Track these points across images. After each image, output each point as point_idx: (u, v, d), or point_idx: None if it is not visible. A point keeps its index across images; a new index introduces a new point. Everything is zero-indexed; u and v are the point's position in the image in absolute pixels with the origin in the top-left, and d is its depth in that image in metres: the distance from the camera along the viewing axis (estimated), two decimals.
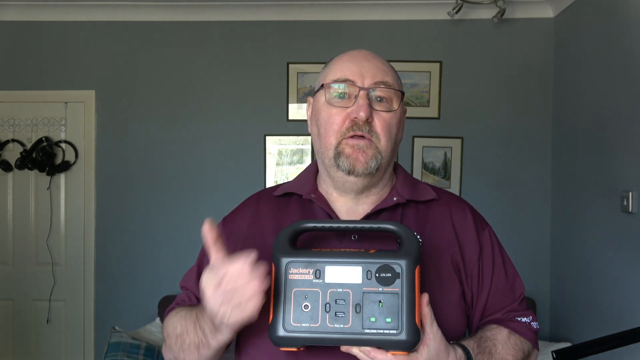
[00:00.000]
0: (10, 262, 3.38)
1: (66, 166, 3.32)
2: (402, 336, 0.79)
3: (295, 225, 0.90)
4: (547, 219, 3.21)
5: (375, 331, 0.79)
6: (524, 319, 1.05)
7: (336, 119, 0.99)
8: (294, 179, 1.12)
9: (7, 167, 3.32)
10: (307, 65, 3.26)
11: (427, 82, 3.24)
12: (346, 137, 0.98)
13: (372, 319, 0.79)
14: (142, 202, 3.32)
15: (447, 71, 3.24)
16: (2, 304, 3.37)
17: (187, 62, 3.31)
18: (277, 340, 0.82)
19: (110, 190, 3.34)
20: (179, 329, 1.02)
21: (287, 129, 3.29)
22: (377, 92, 0.99)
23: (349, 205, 1.05)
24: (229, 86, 3.31)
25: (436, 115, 3.24)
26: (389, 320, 0.79)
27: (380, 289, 0.80)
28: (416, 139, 3.23)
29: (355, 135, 0.97)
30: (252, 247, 1.04)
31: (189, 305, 1.11)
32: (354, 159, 0.97)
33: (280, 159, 3.30)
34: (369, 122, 0.97)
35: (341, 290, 0.81)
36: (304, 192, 1.06)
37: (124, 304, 3.33)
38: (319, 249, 0.91)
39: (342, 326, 0.80)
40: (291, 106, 3.28)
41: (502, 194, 3.23)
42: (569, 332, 2.95)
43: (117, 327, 2.86)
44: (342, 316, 0.80)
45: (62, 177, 3.37)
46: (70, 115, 3.35)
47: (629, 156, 2.36)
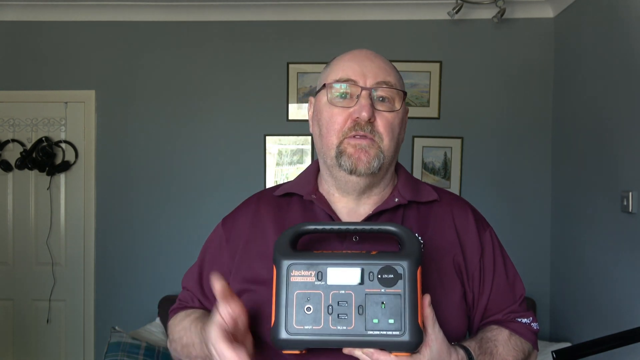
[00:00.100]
0: (10, 262, 3.38)
1: (66, 166, 3.32)
2: (405, 337, 0.79)
3: (296, 227, 0.90)
4: (547, 219, 3.21)
5: (378, 332, 0.79)
6: (524, 320, 1.05)
7: (338, 119, 0.98)
8: (295, 179, 1.12)
9: (7, 167, 3.32)
10: (307, 65, 3.26)
11: (427, 82, 3.24)
12: (348, 136, 0.97)
13: (375, 321, 0.79)
14: (142, 202, 3.32)
15: (447, 71, 3.24)
16: (2, 304, 3.37)
17: (187, 62, 3.31)
18: (280, 343, 0.81)
19: (110, 190, 3.34)
20: (184, 339, 1.04)
21: (287, 129, 3.29)
22: (379, 92, 0.99)
23: (350, 206, 1.04)
24: (229, 86, 3.31)
25: (436, 115, 3.24)
26: (391, 321, 0.79)
27: (382, 290, 0.80)
28: (416, 139, 3.23)
29: (357, 135, 0.97)
30: (253, 249, 1.04)
31: (191, 308, 1.12)
32: (356, 159, 0.96)
33: (280, 159, 3.30)
34: (371, 122, 0.97)
35: (343, 292, 0.81)
36: (305, 192, 1.05)
37: (124, 304, 3.33)
38: (321, 250, 0.91)
39: (344, 328, 0.79)
40: (291, 106, 3.28)
41: (502, 194, 3.23)
42: (569, 332, 2.95)
43: (117, 327, 2.86)
44: (344, 318, 0.80)
45: (62, 177, 3.37)
46: (70, 115, 3.35)
47: (629, 156, 2.36)
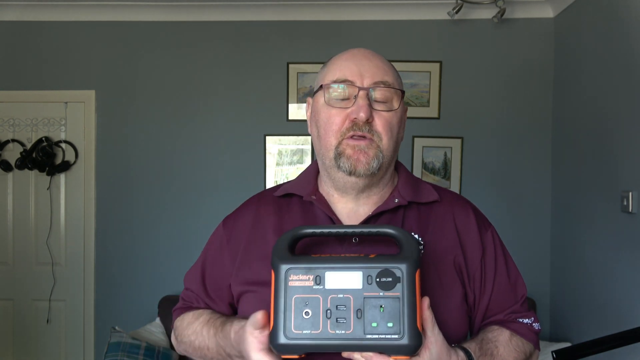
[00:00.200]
0: (10, 262, 3.38)
1: (66, 166, 3.32)
2: (404, 341, 0.78)
3: (293, 231, 0.90)
4: (547, 219, 3.21)
5: (377, 336, 0.78)
6: (526, 320, 1.04)
7: (336, 119, 0.98)
8: (295, 179, 1.11)
9: (7, 167, 3.32)
10: (307, 65, 3.26)
11: (427, 82, 3.24)
12: (346, 137, 0.96)
13: (374, 324, 0.79)
14: (142, 202, 3.32)
15: (447, 71, 3.24)
16: (2, 304, 3.37)
17: (187, 62, 3.31)
18: (278, 347, 0.81)
19: (110, 190, 3.34)
20: (196, 343, 1.05)
21: (287, 129, 3.29)
22: (377, 92, 0.98)
23: (350, 206, 1.03)
24: (229, 86, 3.31)
25: (436, 115, 3.24)
26: (390, 324, 0.78)
27: (381, 294, 0.80)
28: (416, 139, 3.23)
29: (355, 135, 0.96)
30: (253, 250, 1.04)
31: (197, 309, 1.12)
32: (355, 160, 0.96)
33: (280, 159, 3.30)
34: (370, 122, 0.96)
35: (342, 295, 0.80)
36: (305, 193, 1.05)
37: (124, 304, 3.33)
38: (319, 254, 0.90)
39: (343, 332, 0.79)
40: (291, 106, 3.28)
41: (502, 194, 3.23)
42: (569, 332, 2.94)
43: (117, 327, 2.86)
44: (343, 322, 0.79)
45: (62, 177, 3.36)
46: (70, 115, 3.35)
47: (629, 156, 2.36)
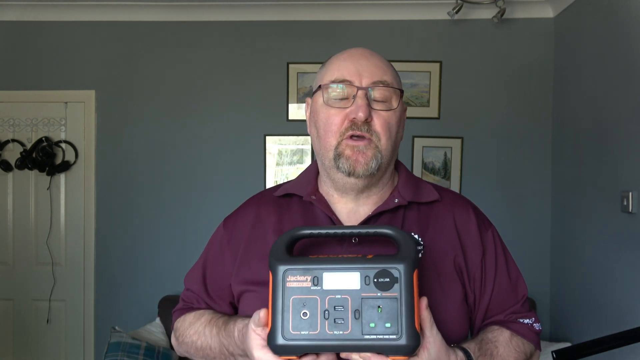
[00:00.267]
0: (10, 262, 3.38)
1: (66, 166, 3.32)
2: (402, 341, 0.78)
3: (291, 232, 0.90)
4: (547, 219, 3.21)
5: (374, 337, 0.78)
6: (526, 321, 1.04)
7: (335, 119, 0.97)
8: (295, 179, 1.11)
9: (7, 167, 3.32)
10: (307, 65, 3.26)
11: (427, 82, 3.24)
12: (345, 137, 0.96)
13: (372, 325, 0.79)
14: (142, 202, 3.32)
15: (447, 71, 3.24)
16: (2, 304, 3.37)
17: (187, 62, 3.31)
18: (276, 349, 0.81)
19: (110, 190, 3.34)
20: (198, 343, 1.06)
21: (287, 129, 3.29)
22: (375, 92, 0.97)
23: (350, 206, 1.03)
24: (229, 86, 3.31)
25: (436, 115, 3.24)
26: (388, 325, 0.78)
27: (379, 294, 0.79)
28: (416, 139, 3.23)
29: (354, 135, 0.96)
30: (254, 250, 1.04)
31: (198, 309, 1.12)
32: (354, 161, 0.96)
33: (280, 159, 3.30)
34: (368, 122, 0.96)
35: (340, 296, 0.80)
36: (305, 193, 1.05)
37: (124, 304, 3.33)
38: (318, 255, 0.90)
39: (341, 332, 0.79)
40: (291, 106, 3.28)
41: (502, 194, 3.23)
42: (569, 332, 2.94)
43: (117, 327, 2.86)
44: (341, 322, 0.79)
45: (62, 177, 3.37)
46: (70, 115, 3.35)
47: (629, 156, 2.36)
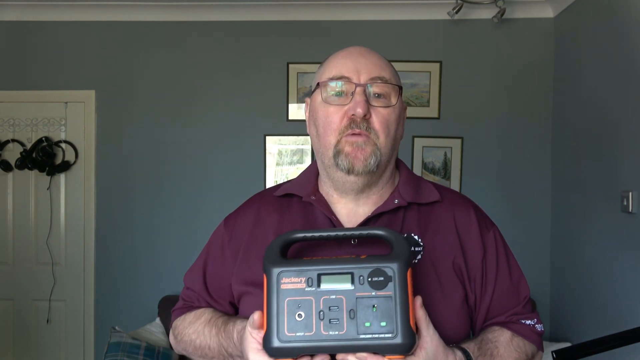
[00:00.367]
0: (10, 262, 3.38)
1: (66, 166, 3.32)
2: (398, 339, 0.78)
3: (285, 235, 0.90)
4: (547, 219, 3.21)
5: (370, 336, 0.78)
6: (528, 322, 1.03)
7: (334, 117, 0.97)
8: (295, 179, 1.11)
9: (7, 167, 3.31)
10: (307, 65, 3.26)
11: (427, 82, 3.24)
12: (345, 134, 0.96)
13: (367, 324, 0.78)
14: (142, 202, 3.32)
15: (447, 71, 3.24)
16: (2, 304, 3.37)
17: (187, 62, 3.31)
18: (272, 351, 0.80)
19: (110, 190, 3.34)
20: (197, 342, 1.06)
21: (287, 129, 3.29)
22: (374, 88, 0.97)
23: (350, 207, 1.03)
24: (229, 86, 3.31)
25: (436, 115, 3.24)
26: (383, 324, 0.78)
27: (373, 293, 0.79)
28: (416, 139, 3.23)
29: (353, 133, 0.95)
30: (253, 251, 1.04)
31: (198, 308, 1.12)
32: (353, 157, 0.95)
33: (280, 159, 3.30)
34: (367, 118, 0.95)
35: (334, 297, 0.80)
36: (304, 193, 1.04)
37: (124, 304, 3.33)
38: (315, 256, 0.90)
39: (337, 333, 0.79)
40: (291, 106, 3.28)
41: (502, 194, 3.23)
42: (569, 332, 2.94)
43: (117, 327, 2.86)
44: (336, 323, 0.79)
45: (62, 177, 3.36)
46: (70, 115, 3.35)
47: (629, 156, 2.36)
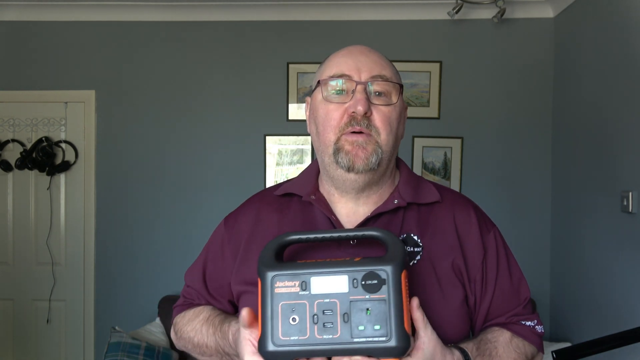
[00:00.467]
0: (10, 262, 3.38)
1: (66, 166, 3.32)
2: (392, 343, 0.77)
3: (279, 238, 0.89)
4: (547, 219, 3.21)
5: (364, 339, 0.78)
6: (528, 323, 1.03)
7: (334, 115, 0.96)
8: (295, 178, 1.11)
9: (7, 167, 3.32)
10: (307, 65, 3.26)
11: (427, 82, 3.24)
12: (345, 132, 0.95)
13: (361, 327, 0.78)
14: (142, 202, 3.32)
15: (447, 71, 3.24)
16: (2, 304, 3.37)
17: (187, 62, 3.31)
18: (267, 355, 0.80)
19: (110, 190, 3.34)
20: (195, 340, 1.06)
21: (287, 129, 3.29)
22: (375, 86, 0.97)
23: (350, 206, 1.03)
24: (229, 86, 3.31)
25: (436, 115, 3.24)
26: (377, 327, 0.78)
27: (367, 297, 0.79)
28: (416, 139, 3.23)
29: (354, 131, 0.95)
30: (253, 250, 1.04)
31: (198, 305, 1.13)
32: (353, 155, 0.94)
33: (280, 159, 3.30)
34: (368, 116, 0.95)
35: (328, 300, 0.79)
36: (304, 193, 1.04)
37: (124, 304, 3.33)
38: (314, 257, 0.89)
39: (330, 337, 0.78)
40: (291, 106, 3.28)
41: (502, 194, 3.23)
42: (569, 332, 2.95)
43: (117, 327, 2.86)
44: (330, 326, 0.78)
45: (62, 177, 3.37)
46: (70, 115, 3.35)
47: (629, 156, 2.36)
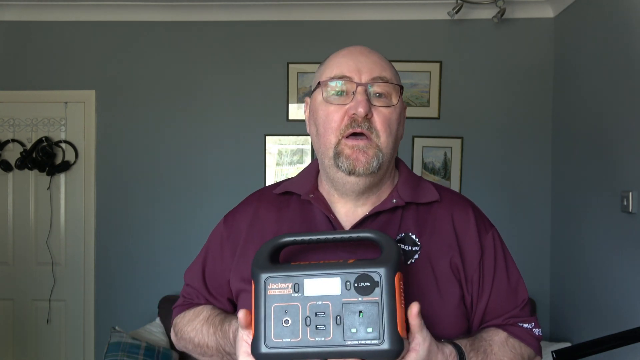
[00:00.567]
0: (10, 262, 3.38)
1: (66, 166, 3.32)
2: (384, 346, 0.77)
3: (274, 240, 0.89)
4: (547, 219, 3.21)
5: (356, 342, 0.77)
6: (526, 325, 1.02)
7: (334, 116, 0.96)
8: (295, 177, 1.11)
9: (7, 167, 3.31)
10: (307, 65, 3.26)
11: (427, 82, 3.24)
12: (345, 135, 0.95)
13: (353, 330, 0.77)
14: (142, 202, 3.32)
15: (447, 71, 3.24)
16: (2, 304, 3.37)
17: (187, 62, 3.31)
18: (259, 357, 0.80)
19: (110, 190, 3.34)
20: (196, 340, 1.06)
21: (287, 129, 3.29)
22: (375, 88, 0.96)
23: (349, 206, 1.02)
24: (229, 86, 3.31)
25: (436, 115, 3.24)
26: (369, 330, 0.77)
27: (359, 299, 0.78)
28: (416, 139, 3.23)
29: (354, 133, 0.95)
30: (251, 248, 1.03)
31: (197, 305, 1.13)
32: (354, 160, 0.94)
33: (280, 159, 3.30)
34: (368, 118, 0.95)
35: (321, 302, 0.79)
36: (303, 191, 1.04)
37: (124, 304, 3.33)
38: (311, 257, 0.89)
39: (323, 339, 0.78)
40: (291, 106, 3.28)
41: (502, 194, 3.23)
42: (569, 332, 2.95)
43: (117, 327, 2.86)
44: (322, 329, 0.78)
45: (62, 177, 3.36)
46: (70, 115, 3.35)
47: (629, 156, 2.36)
